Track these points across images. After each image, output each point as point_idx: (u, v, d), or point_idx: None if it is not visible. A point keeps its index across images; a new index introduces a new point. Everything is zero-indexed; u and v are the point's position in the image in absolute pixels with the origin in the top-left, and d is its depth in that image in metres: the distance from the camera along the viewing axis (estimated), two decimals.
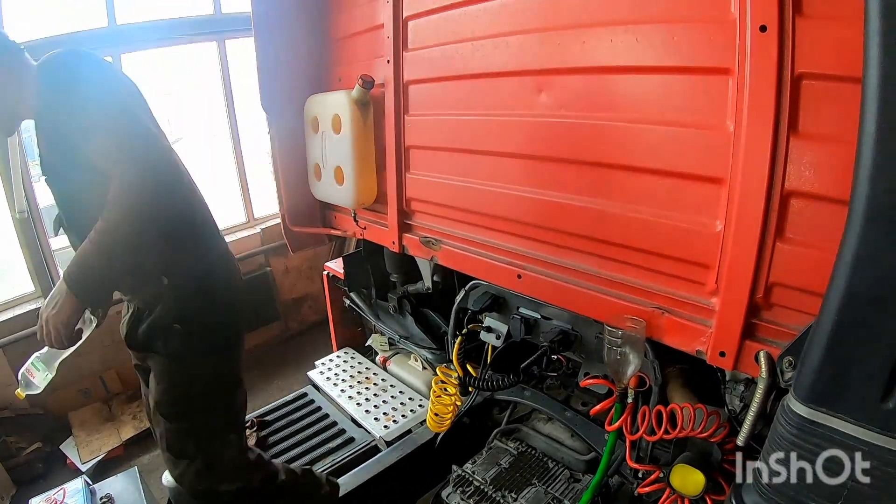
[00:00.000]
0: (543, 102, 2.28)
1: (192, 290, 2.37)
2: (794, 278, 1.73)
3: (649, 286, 2.14)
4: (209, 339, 2.44)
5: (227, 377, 2.56)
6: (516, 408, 3.26)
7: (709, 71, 1.82)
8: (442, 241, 2.90)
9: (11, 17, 4.60)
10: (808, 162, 1.65)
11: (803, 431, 1.59)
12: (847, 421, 1.52)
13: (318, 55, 3.54)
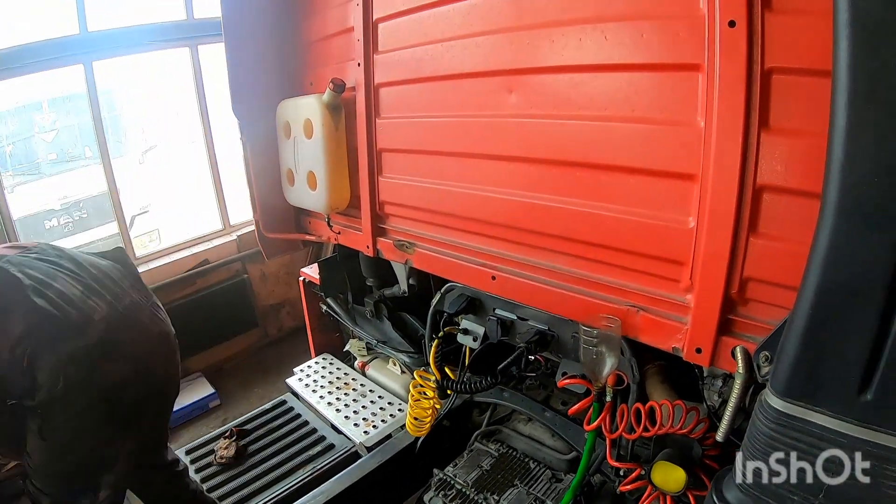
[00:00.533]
0: (514, 102, 2.28)
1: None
2: (769, 273, 1.73)
3: (624, 284, 2.14)
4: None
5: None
6: (496, 409, 3.25)
7: (678, 67, 1.82)
8: (416, 244, 2.89)
9: None
10: (779, 156, 1.65)
11: (781, 426, 1.59)
12: (825, 414, 1.51)
13: (289, 60, 3.53)
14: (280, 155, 3.51)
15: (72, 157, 7.32)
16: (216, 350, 6.07)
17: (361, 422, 3.82)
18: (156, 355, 2.59)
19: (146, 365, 2.50)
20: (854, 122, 1.33)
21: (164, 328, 2.69)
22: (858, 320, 1.42)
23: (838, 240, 1.41)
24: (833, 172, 1.37)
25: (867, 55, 1.30)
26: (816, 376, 1.52)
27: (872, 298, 1.38)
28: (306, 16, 3.36)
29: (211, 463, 3.78)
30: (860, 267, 1.40)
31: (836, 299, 1.45)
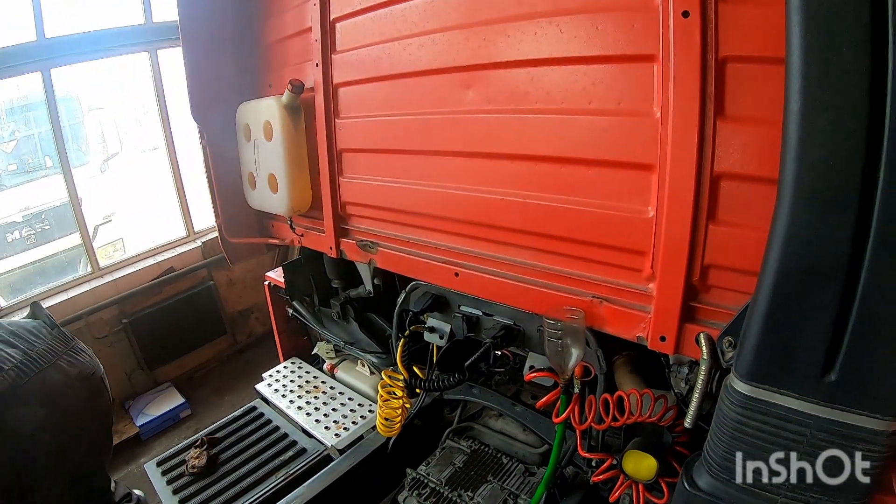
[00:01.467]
0: (472, 98, 2.28)
1: None
2: (729, 259, 1.75)
3: (586, 276, 2.15)
4: None
5: None
6: (467, 406, 3.25)
7: (634, 59, 1.83)
8: (379, 244, 2.88)
9: None
10: (735, 144, 1.67)
11: (747, 409, 1.62)
12: (791, 396, 1.54)
13: (248, 62, 3.49)
14: (241, 158, 3.47)
15: (32, 168, 7.22)
16: (185, 359, 6.04)
17: (332, 424, 3.80)
18: (74, 397, 2.54)
19: (63, 407, 2.46)
20: (808, 106, 1.35)
21: (84, 370, 2.63)
22: (819, 302, 1.44)
23: (796, 223, 1.42)
24: (789, 157, 1.39)
25: (819, 40, 1.32)
26: (780, 359, 1.54)
27: (832, 279, 1.41)
28: (264, 17, 3.33)
29: (183, 473, 3.73)
30: (819, 249, 1.41)
31: (797, 282, 1.46)
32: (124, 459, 4.57)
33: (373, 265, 2.97)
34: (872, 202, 1.33)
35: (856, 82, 1.29)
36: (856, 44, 1.28)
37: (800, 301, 1.48)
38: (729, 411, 1.66)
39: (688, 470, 1.86)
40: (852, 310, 1.42)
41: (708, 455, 1.77)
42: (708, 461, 1.77)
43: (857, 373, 1.47)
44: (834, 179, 1.36)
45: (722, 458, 1.72)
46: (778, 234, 1.45)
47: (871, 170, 1.32)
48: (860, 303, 1.40)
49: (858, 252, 1.37)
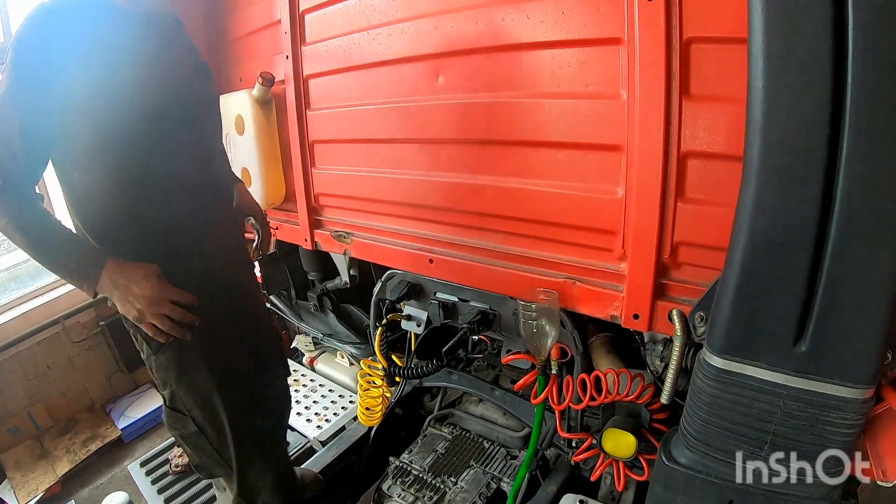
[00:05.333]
0: (442, 86, 2.29)
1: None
2: (698, 236, 1.79)
3: (559, 258, 2.18)
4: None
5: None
6: (447, 393, 3.26)
7: (600, 42, 1.85)
8: (353, 234, 2.89)
9: None
10: (701, 123, 1.70)
11: (721, 382, 1.65)
12: (763, 367, 1.58)
13: (218, 56, 3.47)
14: None
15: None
16: None
17: (314, 417, 3.81)
18: None
19: None
20: (771, 84, 1.38)
21: None
22: (788, 274, 1.48)
23: (762, 198, 1.45)
24: (753, 134, 1.42)
25: (780, 18, 1.35)
26: (751, 331, 1.57)
27: (799, 251, 1.44)
28: (233, 11, 3.32)
29: (167, 472, 3.72)
30: (785, 222, 1.45)
31: (764, 255, 1.50)
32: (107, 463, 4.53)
33: (348, 255, 2.97)
34: (836, 175, 1.37)
35: (817, 58, 1.32)
36: (816, 20, 1.31)
37: (768, 273, 1.51)
38: (703, 385, 1.69)
39: (666, 445, 1.89)
40: (820, 280, 1.45)
41: (685, 429, 1.80)
42: (685, 435, 1.80)
43: (827, 342, 1.50)
44: (797, 154, 1.40)
45: (698, 432, 1.76)
46: (745, 209, 1.48)
47: (834, 144, 1.35)
48: (827, 273, 1.44)
49: (824, 224, 1.41)
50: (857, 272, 1.43)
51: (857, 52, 1.29)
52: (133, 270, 1.96)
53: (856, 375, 1.51)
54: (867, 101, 1.31)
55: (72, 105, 1.81)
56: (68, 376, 5.05)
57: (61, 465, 4.52)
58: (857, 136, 1.33)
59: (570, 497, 2.36)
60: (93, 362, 5.23)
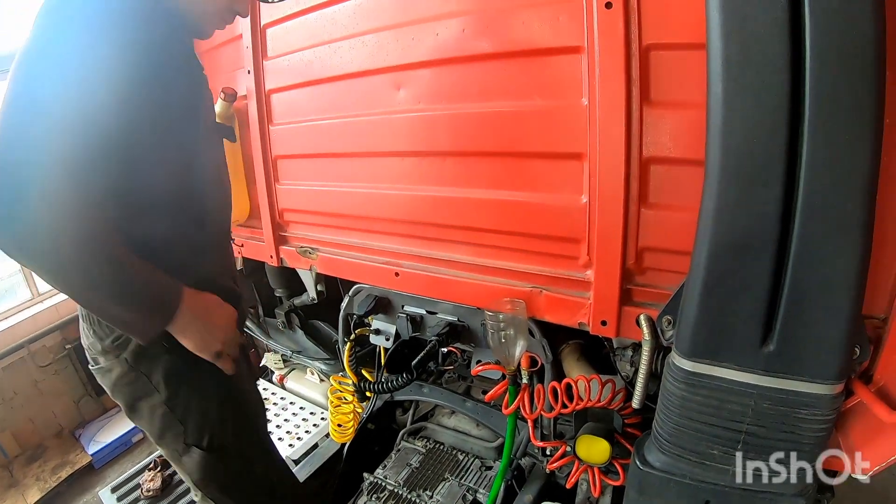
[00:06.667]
0: (403, 98, 2.29)
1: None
2: (663, 241, 1.80)
3: (525, 267, 2.18)
4: None
5: None
6: (419, 406, 3.26)
7: (560, 51, 1.86)
8: (318, 249, 2.87)
9: None
10: (662, 129, 1.72)
11: (690, 385, 1.66)
12: (732, 368, 1.60)
13: None
14: None
15: None
16: None
17: (286, 435, 3.78)
18: None
19: None
20: (729, 88, 1.40)
21: None
22: (752, 276, 1.50)
23: (724, 201, 1.47)
24: (713, 138, 1.44)
25: (737, 23, 1.37)
26: (718, 333, 1.59)
27: (763, 252, 1.46)
28: None
29: (138, 498, 3.67)
30: (748, 224, 1.47)
31: (728, 257, 1.51)
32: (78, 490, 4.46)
33: (314, 271, 2.95)
34: (797, 176, 1.39)
35: (775, 62, 1.35)
36: (773, 24, 1.33)
37: (733, 275, 1.53)
38: (673, 388, 1.71)
39: (639, 449, 1.90)
40: (784, 280, 1.48)
41: (657, 433, 1.82)
42: (658, 439, 1.81)
43: (794, 341, 1.53)
44: (758, 157, 1.42)
45: (671, 435, 1.77)
46: (707, 213, 1.50)
47: (794, 146, 1.38)
48: (791, 273, 1.46)
49: (786, 224, 1.43)
50: (821, 271, 1.45)
51: (814, 54, 1.32)
52: (208, 298, 1.82)
53: (824, 372, 1.54)
54: (825, 103, 1.33)
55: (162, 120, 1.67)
56: (35, 402, 4.98)
57: (31, 493, 4.45)
58: (815, 137, 1.35)
59: None
60: (60, 387, 5.16)
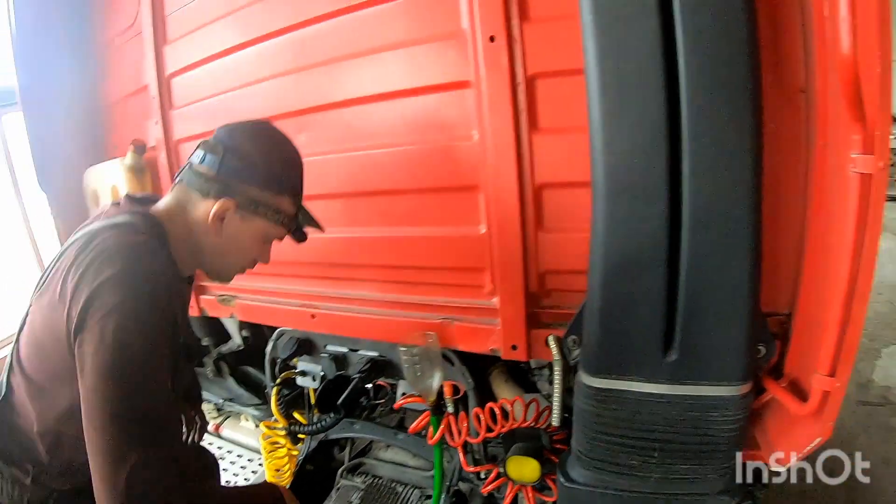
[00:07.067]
0: (305, 142, 2.27)
1: None
2: (564, 263, 1.86)
3: (435, 300, 2.22)
4: None
5: None
6: (356, 443, 3.24)
7: (450, 86, 1.92)
8: (237, 297, 2.87)
9: None
10: (552, 154, 1.79)
11: (600, 401, 1.71)
12: (638, 381, 1.65)
13: (92, 125, 3.36)
14: None
15: None
16: None
17: (226, 484, 3.71)
18: None
19: None
20: (608, 109, 1.47)
21: None
22: (647, 289, 1.55)
23: (612, 219, 1.53)
24: (597, 158, 1.51)
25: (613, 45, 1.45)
26: (621, 348, 1.64)
27: (655, 265, 1.52)
28: (104, 78, 3.24)
29: None
30: (637, 239, 1.53)
31: (622, 274, 1.57)
32: None
33: (235, 319, 2.95)
34: (680, 189, 1.46)
35: (650, 80, 1.42)
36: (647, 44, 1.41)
37: (628, 291, 1.58)
38: (584, 406, 1.75)
39: (562, 466, 1.93)
40: (679, 291, 1.53)
41: (576, 449, 1.85)
42: (578, 455, 1.85)
43: (695, 349, 1.59)
44: (640, 174, 1.48)
45: (588, 450, 1.81)
46: (597, 232, 1.56)
47: (675, 159, 1.45)
48: (685, 283, 1.52)
49: (675, 236, 1.49)
50: (714, 278, 1.51)
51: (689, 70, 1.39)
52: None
53: (729, 374, 1.60)
54: (702, 116, 1.41)
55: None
56: None
57: None
58: (695, 149, 1.42)
59: None
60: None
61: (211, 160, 1.57)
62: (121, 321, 1.31)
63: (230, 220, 1.61)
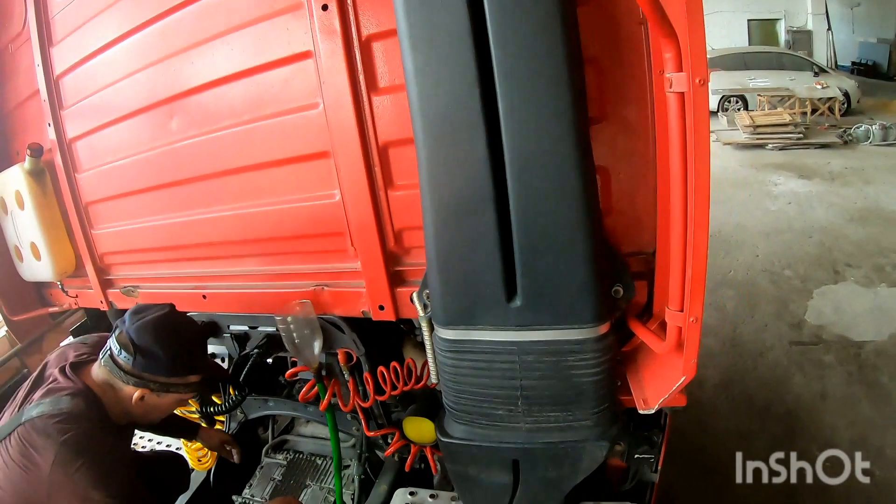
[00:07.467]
0: (176, 128, 2.32)
1: None
2: (417, 219, 1.81)
3: (305, 268, 2.25)
4: None
5: None
6: (277, 421, 3.27)
7: (294, 58, 1.93)
8: (139, 286, 2.86)
9: None
10: (391, 113, 1.81)
11: (455, 352, 1.74)
12: (487, 329, 1.66)
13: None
14: (4, 234, 3.34)
15: None
16: None
17: None
18: None
19: None
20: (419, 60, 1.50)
21: None
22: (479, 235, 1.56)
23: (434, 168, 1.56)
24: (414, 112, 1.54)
25: None
26: (465, 298, 1.66)
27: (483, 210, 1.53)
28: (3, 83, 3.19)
29: None
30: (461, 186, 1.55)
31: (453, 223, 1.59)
32: None
33: None
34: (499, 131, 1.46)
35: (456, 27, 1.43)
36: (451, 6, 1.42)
37: (461, 239, 1.59)
38: (444, 359, 1.78)
39: (440, 423, 1.97)
40: (513, 235, 1.53)
41: (447, 404, 1.89)
42: (450, 411, 1.89)
43: (539, 292, 1.59)
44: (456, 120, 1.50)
45: (456, 403, 1.84)
46: (423, 183, 1.58)
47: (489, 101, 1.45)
48: (517, 226, 1.52)
49: (499, 179, 1.49)
50: (546, 219, 1.52)
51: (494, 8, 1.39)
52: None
53: (579, 316, 1.60)
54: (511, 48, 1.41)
55: None
56: None
57: None
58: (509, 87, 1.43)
59: (400, 492, 2.38)
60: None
61: (126, 357, 1.94)
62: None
63: (149, 398, 2.01)
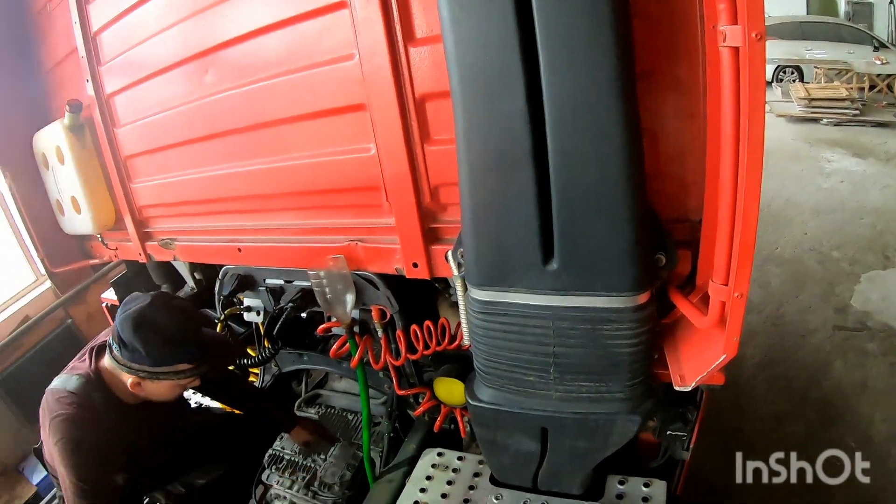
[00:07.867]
0: (211, 81, 2.31)
1: None
2: (454, 175, 1.77)
3: (340, 222, 2.22)
4: None
5: None
6: (311, 375, 3.29)
7: (329, 8, 1.88)
8: (176, 239, 2.87)
9: None
10: (428, 64, 1.75)
11: (488, 315, 1.69)
12: (522, 292, 1.61)
13: (36, 91, 3.39)
14: (46, 188, 3.39)
15: None
16: None
17: None
18: None
19: None
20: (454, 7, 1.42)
21: None
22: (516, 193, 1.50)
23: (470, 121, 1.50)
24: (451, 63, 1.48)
25: None
26: (500, 259, 1.60)
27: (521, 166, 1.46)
28: (39, 44, 3.24)
29: None
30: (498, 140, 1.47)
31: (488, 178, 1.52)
32: None
33: (177, 260, 2.97)
34: (539, 84, 1.39)
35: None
36: None
37: (497, 196, 1.53)
38: (476, 321, 1.74)
39: (469, 386, 1.94)
40: (552, 195, 1.46)
41: (477, 367, 1.86)
42: (480, 373, 1.85)
43: (576, 256, 1.53)
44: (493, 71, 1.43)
45: (486, 367, 1.81)
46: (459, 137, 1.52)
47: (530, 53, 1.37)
48: (556, 184, 1.45)
49: (539, 135, 1.42)
50: (587, 176, 1.43)
51: None
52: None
53: (617, 283, 1.53)
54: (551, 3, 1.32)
55: None
56: None
57: None
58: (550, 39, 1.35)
59: (429, 452, 2.37)
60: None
61: (117, 349, 2.17)
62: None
63: (145, 384, 2.21)
